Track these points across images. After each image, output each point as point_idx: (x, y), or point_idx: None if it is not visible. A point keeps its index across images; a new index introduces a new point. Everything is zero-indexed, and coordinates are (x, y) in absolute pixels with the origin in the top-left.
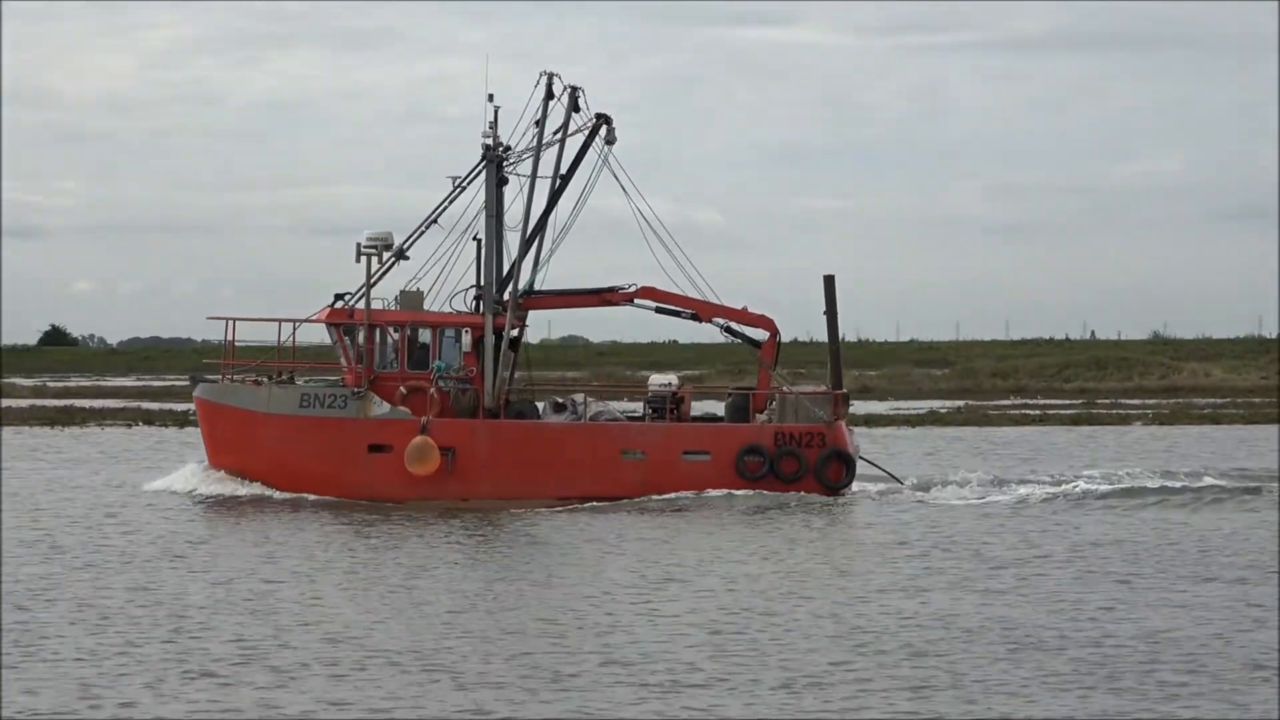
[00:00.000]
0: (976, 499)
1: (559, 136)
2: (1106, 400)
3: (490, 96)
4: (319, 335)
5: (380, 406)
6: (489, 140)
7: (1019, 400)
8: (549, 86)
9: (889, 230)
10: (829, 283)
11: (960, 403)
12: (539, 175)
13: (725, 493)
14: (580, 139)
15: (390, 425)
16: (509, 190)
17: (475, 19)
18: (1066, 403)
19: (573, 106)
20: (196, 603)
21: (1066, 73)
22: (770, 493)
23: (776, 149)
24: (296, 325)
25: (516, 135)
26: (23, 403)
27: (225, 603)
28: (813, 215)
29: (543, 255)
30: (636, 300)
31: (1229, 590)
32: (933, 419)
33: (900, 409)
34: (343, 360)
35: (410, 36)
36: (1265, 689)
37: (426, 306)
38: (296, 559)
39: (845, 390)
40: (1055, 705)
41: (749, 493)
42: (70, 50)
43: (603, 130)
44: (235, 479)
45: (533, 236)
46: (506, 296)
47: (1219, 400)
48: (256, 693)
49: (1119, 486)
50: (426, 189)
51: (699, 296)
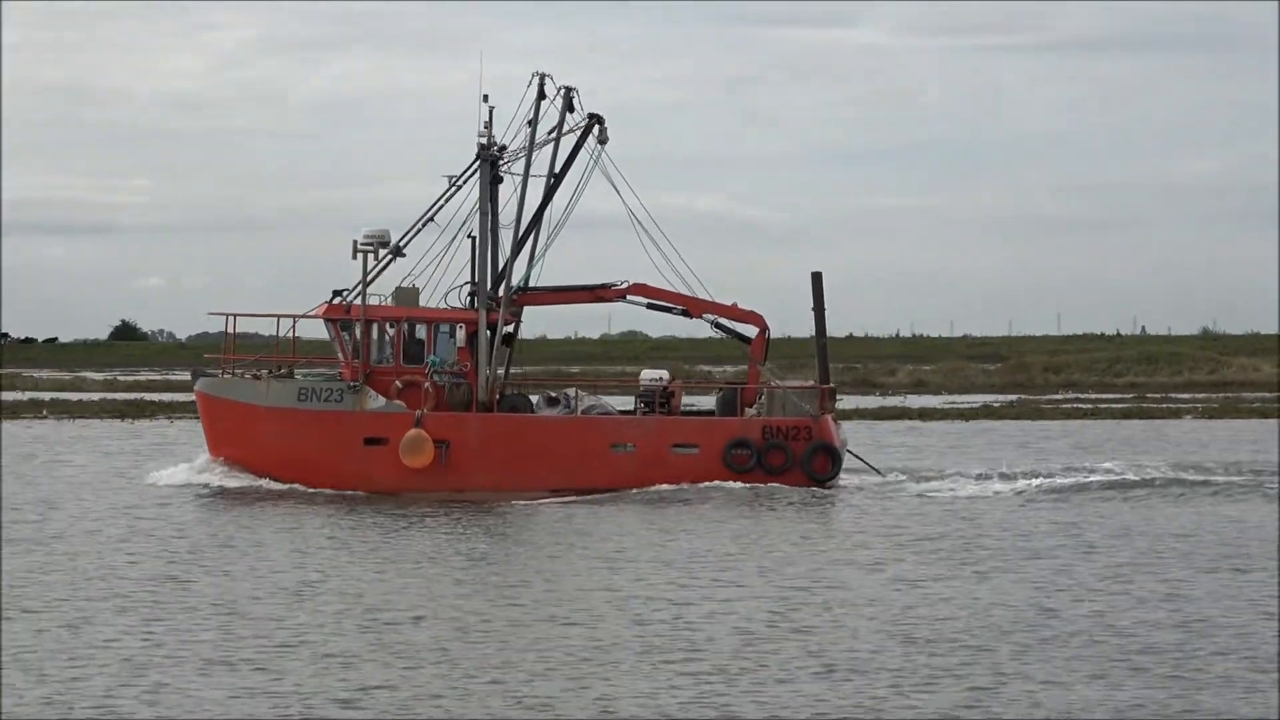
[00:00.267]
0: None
1: (553, 136)
2: (1157, 395)
3: (485, 97)
4: (324, 330)
5: (376, 400)
6: (483, 140)
7: (1070, 394)
8: (541, 87)
9: (943, 228)
10: (816, 280)
11: (1013, 397)
12: (533, 174)
13: (713, 485)
14: (576, 141)
15: (385, 418)
16: (504, 189)
17: (529, 21)
18: (1117, 397)
19: (567, 107)
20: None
21: (1117, 73)
22: (762, 484)
23: (834, 148)
24: (295, 321)
25: (513, 136)
26: (94, 396)
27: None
28: (869, 214)
29: (537, 252)
30: (629, 297)
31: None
32: (986, 413)
33: (954, 403)
34: (340, 355)
35: (465, 38)
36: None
37: (422, 302)
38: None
39: (832, 385)
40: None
41: (737, 485)
42: (140, 51)
43: (595, 130)
44: (235, 470)
45: (526, 234)
46: (500, 293)
47: (1267, 395)
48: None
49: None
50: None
51: (690, 292)
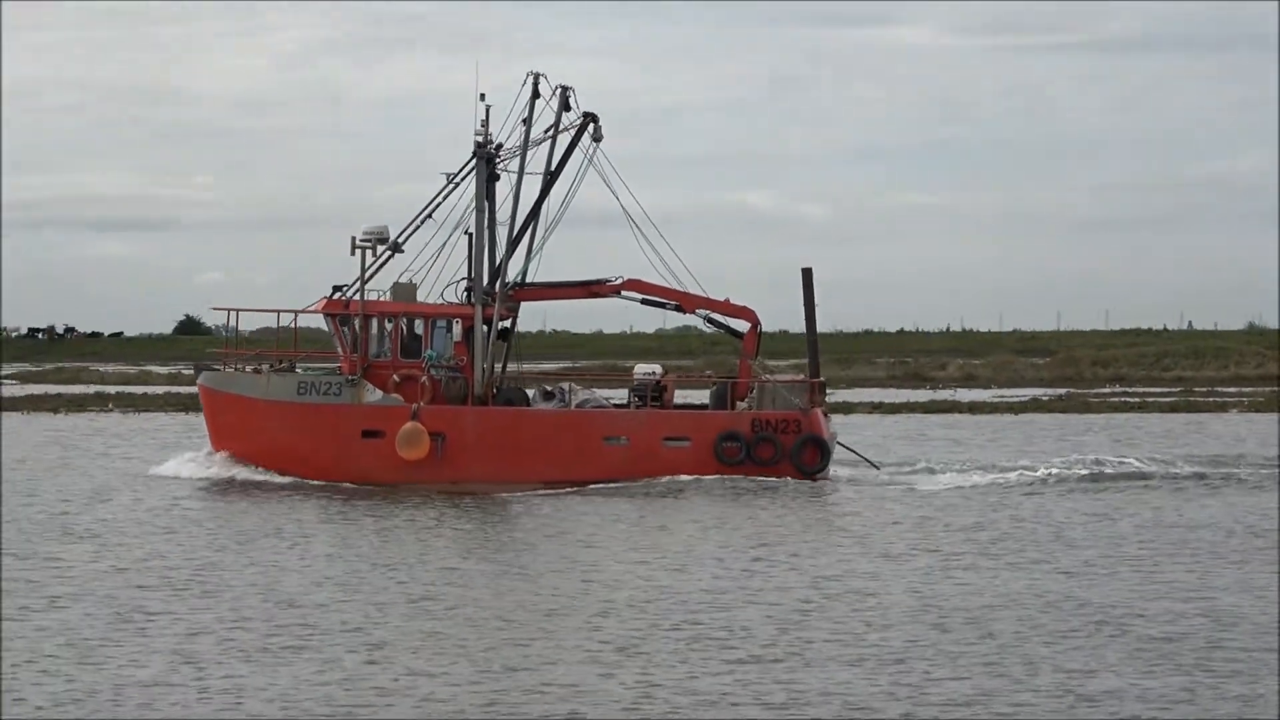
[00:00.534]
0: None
1: (549, 134)
2: (1203, 388)
3: (482, 96)
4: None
5: (373, 393)
6: (480, 138)
7: (1119, 388)
8: (535, 86)
9: (992, 224)
10: (807, 276)
11: (1061, 391)
12: (528, 172)
13: (701, 477)
14: (571, 139)
15: (383, 411)
16: (502, 186)
17: (585, 21)
18: (1165, 390)
19: (563, 105)
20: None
21: (1162, 71)
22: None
23: (881, 146)
24: (296, 316)
25: (509, 135)
26: (158, 389)
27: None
28: (917, 210)
29: (534, 248)
30: (623, 292)
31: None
32: (1035, 406)
33: (1004, 396)
34: (339, 349)
35: (524, 38)
36: None
37: (420, 298)
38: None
39: (823, 379)
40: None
41: (730, 477)
42: (205, 51)
43: (590, 128)
44: (236, 463)
45: (522, 231)
46: (496, 288)
47: None
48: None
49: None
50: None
51: (683, 288)
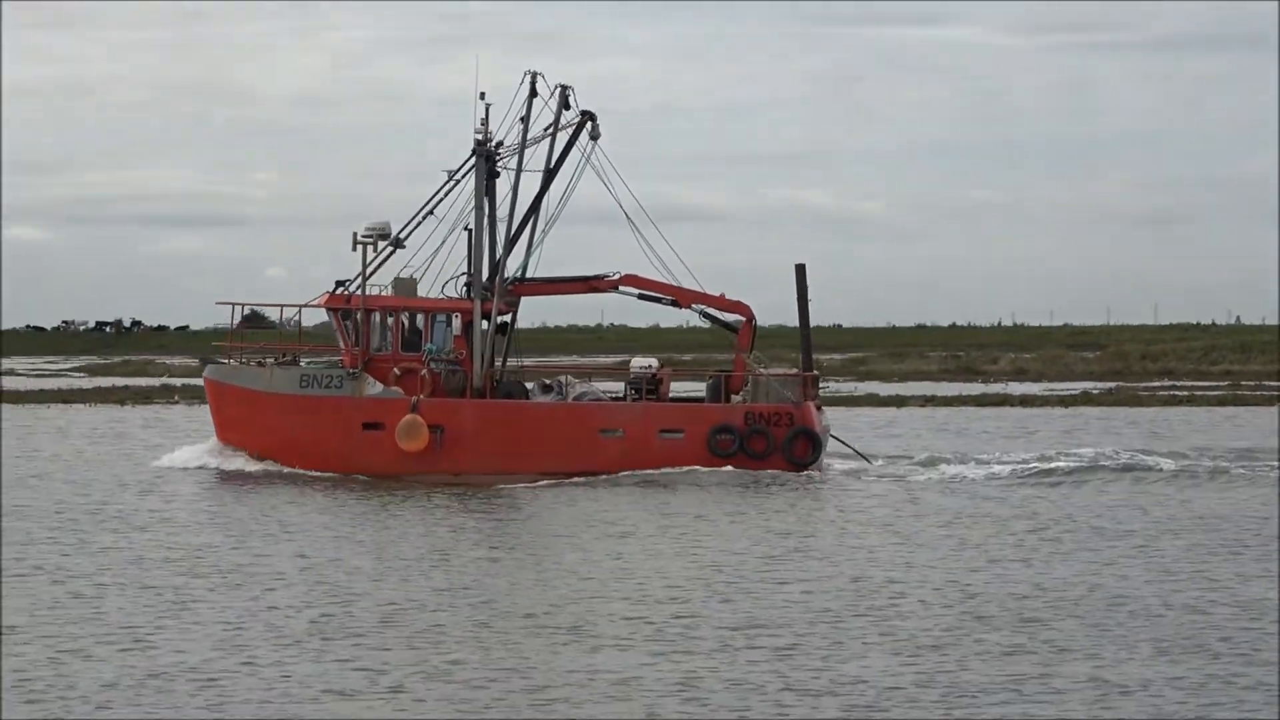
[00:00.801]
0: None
1: (549, 132)
2: (1251, 382)
3: (482, 95)
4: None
5: (374, 386)
6: (480, 136)
7: (1167, 382)
8: (533, 85)
9: (1043, 220)
10: (800, 272)
11: (1111, 384)
12: (527, 169)
13: (695, 469)
14: (570, 137)
15: (383, 404)
16: (502, 183)
17: (644, 20)
18: (1213, 384)
19: (562, 104)
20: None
21: (1210, 69)
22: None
23: (934, 143)
24: (299, 310)
25: (507, 132)
26: None
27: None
28: (969, 206)
29: (533, 243)
30: (621, 287)
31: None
32: (1085, 400)
33: (1054, 390)
34: (341, 343)
35: (582, 37)
36: None
37: (421, 293)
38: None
39: (816, 372)
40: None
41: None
42: (266, 50)
43: (588, 126)
44: (240, 454)
45: (521, 227)
46: (495, 283)
47: None
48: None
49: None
50: (599, 181)
51: (677, 283)
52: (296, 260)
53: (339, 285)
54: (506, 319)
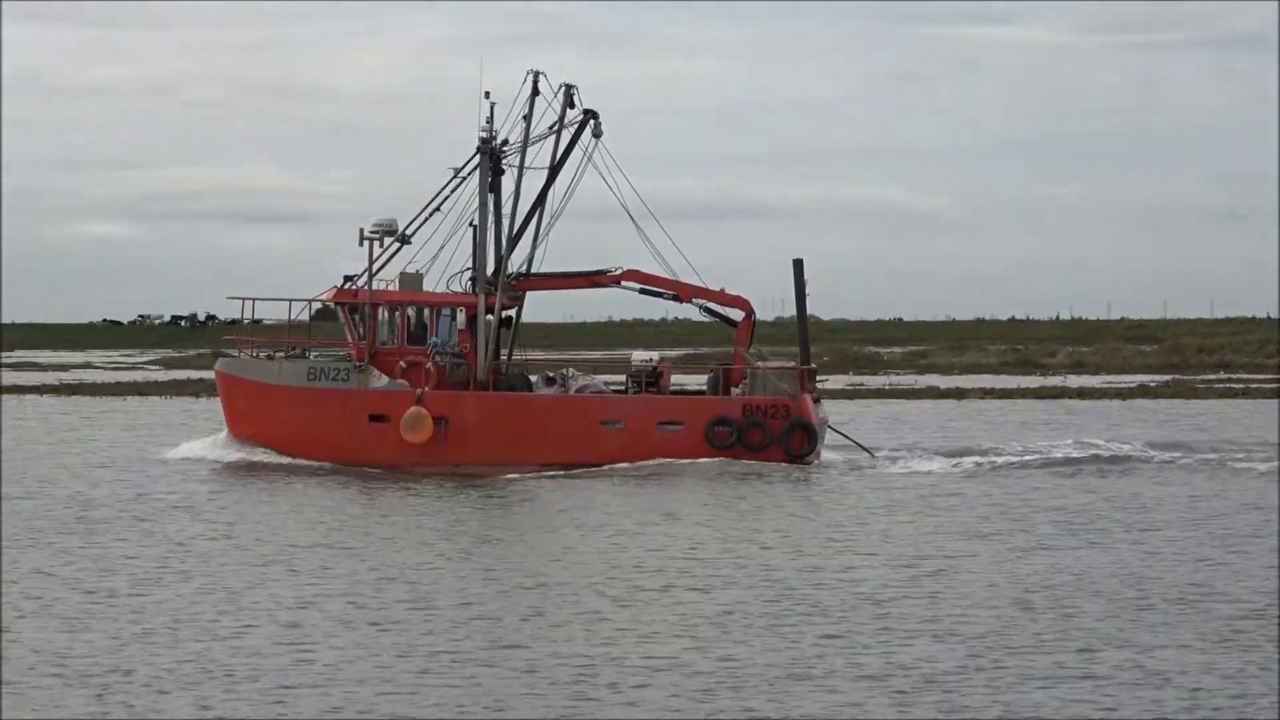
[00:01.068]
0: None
1: (553, 130)
2: None
3: (487, 94)
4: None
5: (379, 379)
6: (485, 134)
7: (1223, 375)
8: (534, 84)
9: (1101, 215)
10: (798, 266)
11: (1168, 377)
12: (532, 166)
13: (694, 460)
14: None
15: (388, 396)
16: (508, 180)
17: (719, 20)
18: (1269, 377)
19: (567, 103)
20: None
21: (1271, 66)
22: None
23: (1002, 140)
24: (306, 304)
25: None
26: None
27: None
28: (1035, 202)
29: (539, 237)
30: (623, 282)
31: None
32: (1142, 392)
33: (1112, 383)
34: (348, 336)
35: (655, 36)
36: None
37: (427, 287)
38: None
39: (813, 366)
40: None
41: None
42: (342, 49)
43: (590, 124)
44: (250, 446)
45: (525, 223)
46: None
47: None
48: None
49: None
50: (675, 178)
51: (675, 277)
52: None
53: (347, 280)
54: (511, 313)
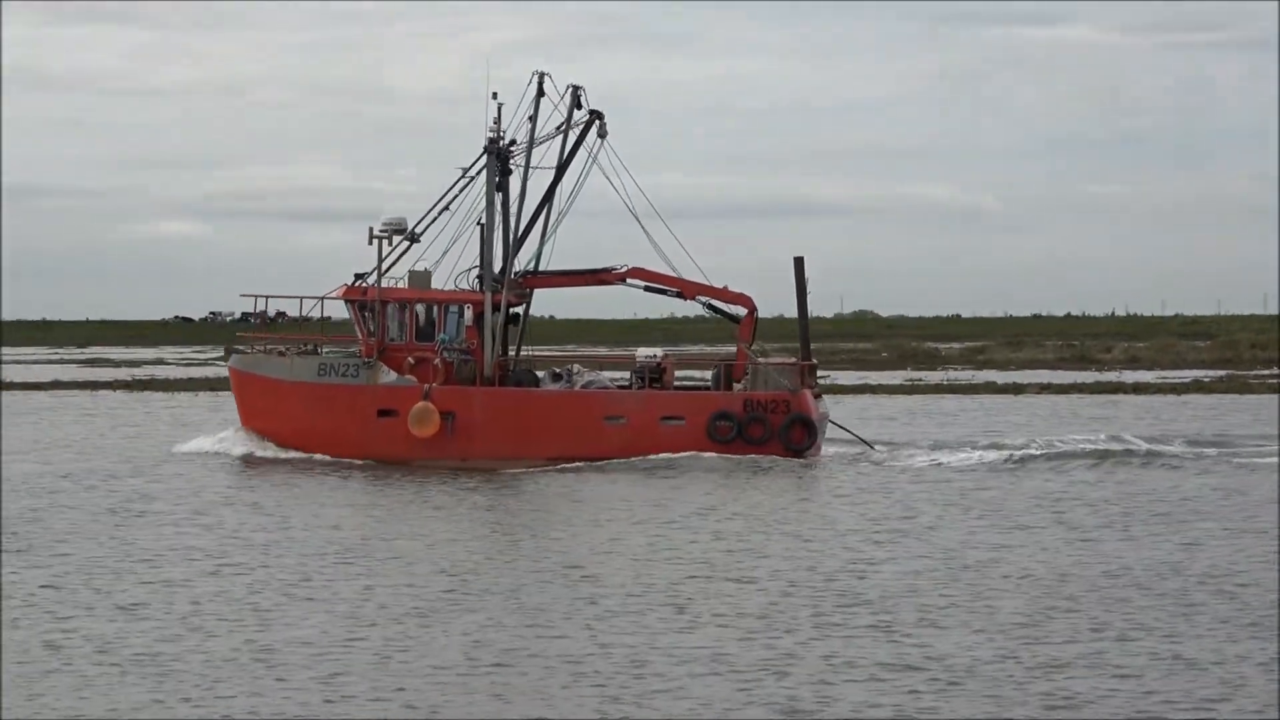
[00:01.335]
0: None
1: (560, 130)
2: None
3: (494, 95)
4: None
5: (388, 375)
6: (492, 134)
7: (1276, 370)
8: (540, 86)
9: (1154, 213)
10: (798, 264)
11: (1221, 372)
12: (540, 166)
13: (695, 455)
14: (578, 135)
15: (397, 392)
16: (515, 179)
17: (773, 22)
18: None
19: (574, 104)
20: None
21: None
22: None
23: (1051, 139)
24: (317, 301)
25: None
26: None
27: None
28: (1083, 200)
29: (547, 233)
30: (628, 280)
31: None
32: (1196, 387)
33: (1166, 378)
34: (358, 333)
35: (712, 37)
36: None
37: (435, 285)
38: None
39: (814, 361)
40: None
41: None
42: (408, 50)
43: (595, 125)
44: (263, 440)
45: (532, 222)
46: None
47: None
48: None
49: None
50: (735, 175)
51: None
52: (439, 254)
53: (357, 278)
54: (518, 310)
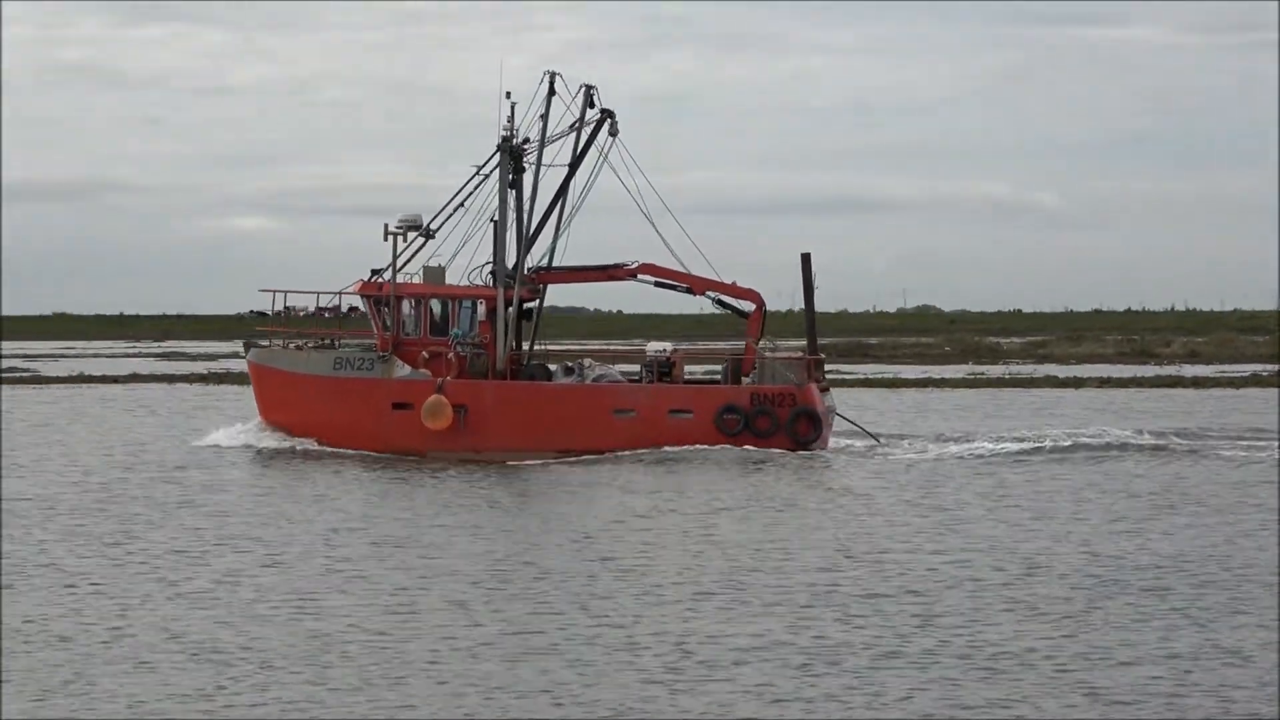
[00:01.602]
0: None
1: (573, 129)
2: None
3: (508, 94)
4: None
5: (402, 368)
6: (505, 132)
7: None
8: (551, 85)
9: (1213, 210)
10: (805, 260)
11: (1278, 366)
12: (554, 164)
13: (703, 448)
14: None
15: (411, 385)
16: (529, 176)
17: (836, 21)
18: None
19: (587, 103)
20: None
21: None
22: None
23: (1109, 136)
24: (334, 297)
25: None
26: None
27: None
28: (1145, 197)
29: (560, 229)
30: (639, 276)
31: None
32: (1254, 381)
33: (1225, 372)
34: (374, 328)
35: (775, 36)
36: None
37: (449, 281)
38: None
39: (821, 356)
40: None
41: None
42: (469, 50)
43: (607, 124)
44: (281, 433)
45: (544, 219)
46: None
47: None
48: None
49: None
50: (796, 172)
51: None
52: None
53: (374, 274)
54: (532, 305)
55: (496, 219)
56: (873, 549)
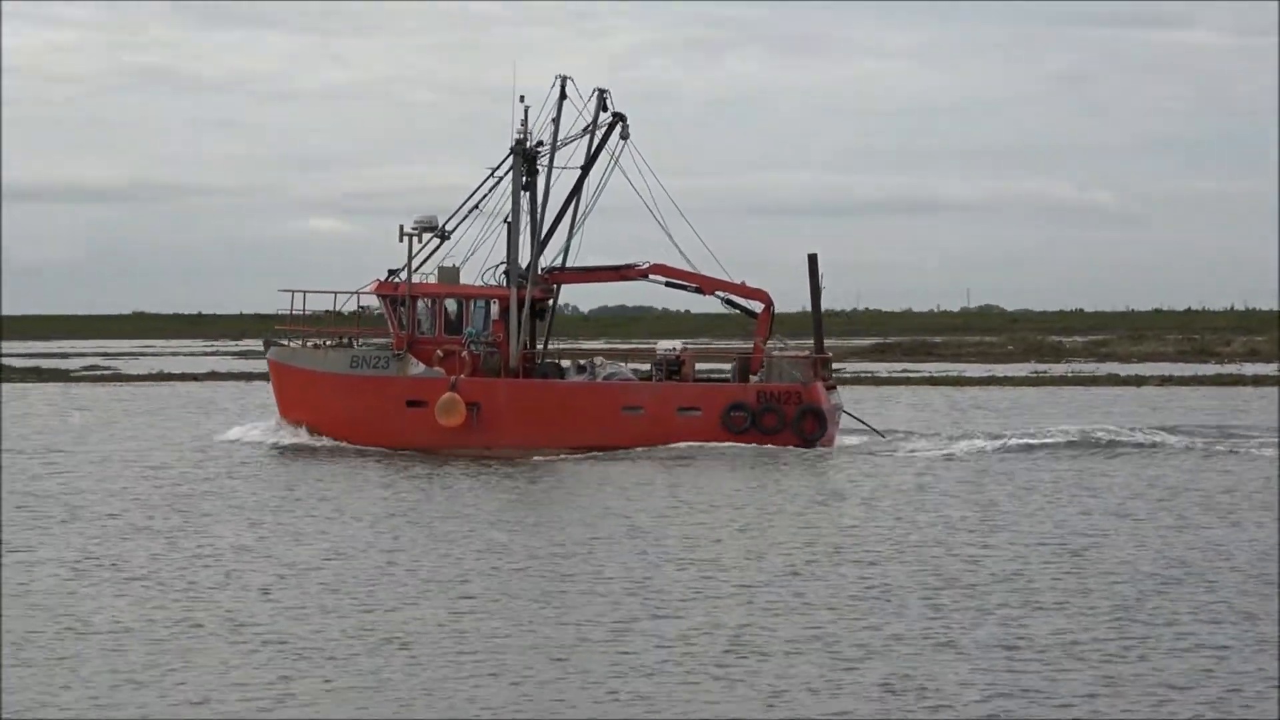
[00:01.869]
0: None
1: (586, 132)
2: None
3: (521, 98)
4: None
5: (417, 367)
6: (519, 135)
7: None
8: (562, 89)
9: (1273, 209)
10: (812, 261)
11: None
12: (563, 166)
13: (710, 445)
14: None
15: (425, 383)
16: (543, 179)
17: (896, 23)
18: None
19: (600, 106)
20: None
21: None
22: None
23: (1167, 137)
24: (351, 296)
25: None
26: None
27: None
28: (1204, 197)
29: (574, 229)
30: (650, 276)
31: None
32: None
33: None
34: (390, 327)
35: (839, 39)
36: None
37: (464, 280)
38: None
39: (829, 354)
40: None
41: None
42: (534, 52)
43: (619, 127)
44: (300, 430)
45: (557, 220)
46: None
47: None
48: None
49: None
50: (860, 173)
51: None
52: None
53: (390, 274)
54: (546, 305)
55: (510, 220)
56: (871, 545)
